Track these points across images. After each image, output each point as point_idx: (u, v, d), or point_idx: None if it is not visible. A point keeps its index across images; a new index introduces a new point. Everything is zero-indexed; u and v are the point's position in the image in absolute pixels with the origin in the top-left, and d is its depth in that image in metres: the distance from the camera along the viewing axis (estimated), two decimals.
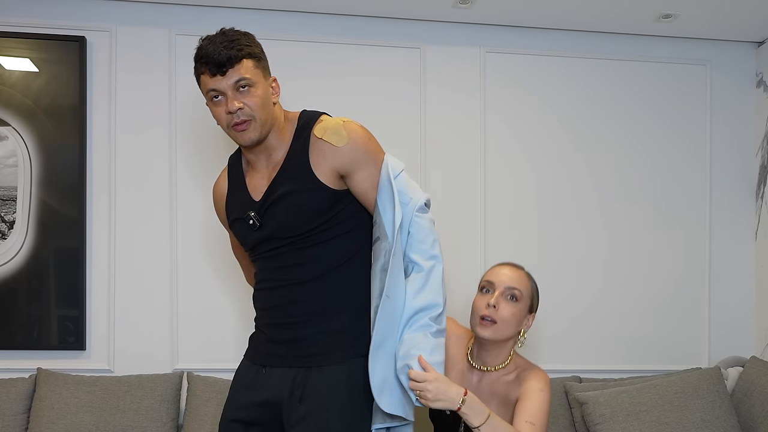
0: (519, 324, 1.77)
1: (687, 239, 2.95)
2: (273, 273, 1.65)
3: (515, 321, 1.75)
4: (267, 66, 1.66)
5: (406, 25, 2.79)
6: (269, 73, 1.67)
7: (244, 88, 1.56)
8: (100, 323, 2.61)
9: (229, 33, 1.59)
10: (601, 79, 2.91)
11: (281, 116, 1.67)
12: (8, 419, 2.39)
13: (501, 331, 1.74)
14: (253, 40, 1.62)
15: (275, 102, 1.65)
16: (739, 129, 3.01)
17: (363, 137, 1.64)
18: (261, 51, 1.64)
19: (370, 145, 1.65)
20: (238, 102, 1.56)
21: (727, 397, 2.56)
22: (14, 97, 2.56)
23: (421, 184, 2.78)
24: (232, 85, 1.56)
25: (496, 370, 1.79)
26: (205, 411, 2.44)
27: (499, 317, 1.73)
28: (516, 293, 1.76)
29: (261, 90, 1.59)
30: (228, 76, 1.56)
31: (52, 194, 2.58)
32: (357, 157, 1.61)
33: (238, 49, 1.56)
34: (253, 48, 1.60)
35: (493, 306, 1.74)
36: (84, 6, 2.62)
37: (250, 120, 1.58)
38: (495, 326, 1.73)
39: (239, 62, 1.56)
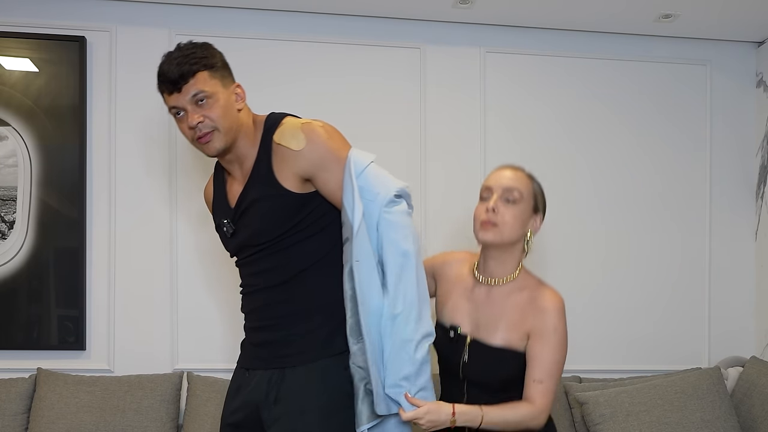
0: (523, 225, 1.66)
1: (687, 239, 2.95)
2: (250, 278, 1.67)
3: (518, 223, 1.65)
4: (227, 73, 1.64)
5: (406, 25, 2.79)
6: (231, 80, 1.64)
7: (202, 101, 1.57)
8: (100, 323, 2.61)
9: (184, 48, 1.60)
10: (601, 79, 2.91)
11: (249, 122, 1.65)
12: (8, 419, 2.39)
13: (503, 233, 1.64)
14: (209, 50, 1.61)
15: (240, 108, 1.64)
16: (739, 129, 3.01)
17: (322, 137, 1.59)
18: (219, 60, 1.62)
19: (331, 143, 1.60)
20: (197, 116, 1.57)
21: (727, 397, 2.56)
22: (14, 97, 2.56)
23: (421, 183, 2.78)
24: (189, 99, 1.56)
25: (504, 283, 1.69)
26: (205, 411, 2.44)
27: (500, 220, 1.64)
28: (514, 194, 1.65)
29: (221, 99, 1.58)
30: (185, 92, 1.56)
31: (52, 194, 2.58)
32: (317, 159, 1.57)
33: (192, 64, 1.56)
34: (208, 59, 1.58)
35: (492, 210, 1.64)
36: (84, 6, 2.62)
37: (213, 131, 1.58)
38: (496, 228, 1.64)
39: (193, 76, 1.56)
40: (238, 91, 1.65)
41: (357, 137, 2.77)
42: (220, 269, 2.63)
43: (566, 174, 2.89)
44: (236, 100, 1.63)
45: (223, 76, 1.61)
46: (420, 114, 2.79)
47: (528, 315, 1.64)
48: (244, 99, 1.66)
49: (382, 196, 1.58)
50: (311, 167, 1.57)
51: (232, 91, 1.62)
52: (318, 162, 1.57)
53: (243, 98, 1.65)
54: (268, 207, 1.59)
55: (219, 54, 1.63)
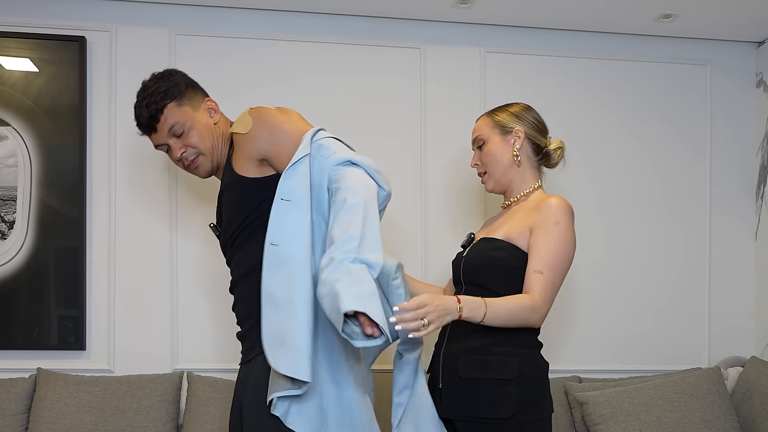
0: (503, 152, 1.79)
1: (687, 239, 2.95)
2: (231, 275, 1.70)
3: (496, 157, 1.79)
4: (195, 94, 1.68)
5: (406, 25, 2.79)
6: (201, 98, 1.69)
7: (179, 132, 1.63)
8: (100, 323, 2.61)
9: (147, 86, 1.65)
10: (601, 79, 2.91)
11: (227, 129, 1.70)
12: (8, 419, 2.39)
13: (494, 175, 1.81)
14: (170, 79, 1.65)
15: (216, 121, 1.69)
16: (739, 129, 3.01)
17: (268, 114, 1.57)
18: (183, 84, 1.66)
19: (279, 117, 1.56)
20: (179, 147, 1.65)
21: (727, 397, 2.56)
22: (14, 97, 2.56)
23: (421, 183, 2.78)
24: (167, 135, 1.64)
25: (518, 199, 1.81)
26: (205, 411, 2.44)
27: (484, 167, 1.82)
28: (479, 140, 1.83)
29: (196, 124, 1.64)
30: (160, 130, 1.64)
31: (52, 194, 2.58)
32: (266, 135, 1.54)
33: (157, 101, 1.62)
34: (171, 90, 1.63)
35: (476, 164, 1.85)
36: (84, 6, 2.62)
37: (198, 155, 1.66)
38: (487, 175, 1.83)
39: (161, 114, 1.62)
40: (210, 106, 1.69)
41: (357, 137, 2.78)
42: (220, 269, 2.62)
43: (566, 174, 2.88)
44: (210, 116, 1.68)
45: (191, 99, 1.65)
46: (420, 114, 2.79)
47: (532, 213, 1.72)
48: (217, 110, 1.70)
49: (339, 156, 1.49)
50: (261, 145, 1.55)
51: (204, 109, 1.67)
52: (267, 138, 1.54)
53: (216, 110, 1.70)
54: (228, 196, 1.63)
55: (182, 78, 1.67)
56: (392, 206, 2.73)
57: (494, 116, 1.83)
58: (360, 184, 1.42)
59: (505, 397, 1.60)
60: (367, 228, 1.37)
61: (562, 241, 1.66)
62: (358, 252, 1.33)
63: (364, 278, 1.30)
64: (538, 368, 1.68)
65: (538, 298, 1.61)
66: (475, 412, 1.61)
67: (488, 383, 1.61)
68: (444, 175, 2.80)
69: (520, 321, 1.60)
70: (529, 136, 1.80)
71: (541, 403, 1.65)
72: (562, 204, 1.70)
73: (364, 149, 2.74)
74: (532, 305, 1.60)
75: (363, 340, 1.29)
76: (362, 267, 1.32)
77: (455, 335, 1.71)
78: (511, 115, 1.81)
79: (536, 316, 1.61)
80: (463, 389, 1.64)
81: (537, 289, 1.62)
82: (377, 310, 1.26)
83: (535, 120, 1.83)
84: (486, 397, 1.61)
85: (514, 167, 1.79)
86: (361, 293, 1.26)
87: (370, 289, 1.28)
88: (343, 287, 1.26)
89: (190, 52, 2.67)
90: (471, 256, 1.76)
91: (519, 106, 1.84)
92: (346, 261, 1.31)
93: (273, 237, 1.43)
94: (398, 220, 2.75)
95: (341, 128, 2.73)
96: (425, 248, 2.77)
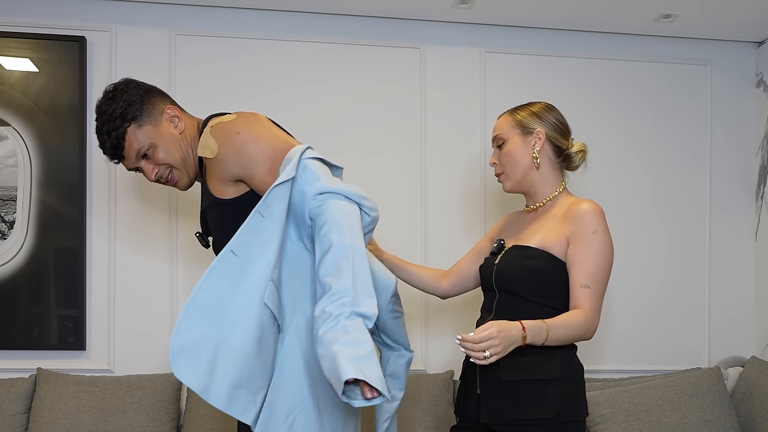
0: (522, 154, 1.74)
1: (687, 239, 2.95)
2: None
3: (515, 158, 1.75)
4: (152, 107, 1.58)
5: (406, 25, 2.79)
6: (159, 111, 1.59)
7: (146, 155, 1.58)
8: (100, 323, 2.61)
9: (101, 110, 1.57)
10: (601, 79, 2.91)
11: (194, 134, 1.62)
12: (8, 419, 2.39)
13: (512, 175, 1.77)
14: (123, 98, 1.55)
15: (182, 130, 1.60)
16: (739, 129, 3.01)
17: (231, 135, 1.47)
18: (137, 101, 1.56)
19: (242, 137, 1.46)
20: (151, 168, 1.59)
21: (727, 397, 2.56)
22: (14, 97, 2.56)
23: (420, 183, 2.78)
24: (135, 159, 1.59)
25: (544, 203, 1.77)
26: (205, 411, 2.44)
27: (502, 167, 1.78)
28: (499, 138, 1.78)
29: (160, 140, 1.57)
30: (128, 157, 1.59)
31: (52, 194, 2.58)
32: (235, 158, 1.47)
33: (115, 128, 1.55)
34: (128, 112, 1.54)
35: (494, 163, 1.81)
36: (84, 6, 2.62)
37: (171, 170, 1.60)
38: (504, 176, 1.78)
39: (124, 140, 1.56)
40: (171, 114, 1.60)
41: (357, 137, 2.79)
42: None
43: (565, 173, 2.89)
44: (174, 126, 1.60)
45: (150, 114, 1.57)
46: (420, 114, 2.79)
47: (565, 221, 1.68)
48: (181, 117, 1.61)
49: (321, 184, 1.41)
50: (231, 168, 1.48)
51: (166, 120, 1.59)
52: (236, 161, 1.47)
53: (180, 117, 1.61)
54: (211, 216, 1.58)
55: (135, 91, 1.58)
56: (392, 206, 2.73)
57: (515, 115, 1.78)
58: (344, 219, 1.35)
59: (548, 397, 1.58)
60: (357, 273, 1.31)
61: (603, 250, 1.64)
62: (352, 305, 1.27)
63: (361, 337, 1.25)
64: (577, 369, 1.67)
65: (590, 314, 1.61)
66: (517, 414, 1.58)
67: (531, 384, 1.59)
68: (444, 175, 2.80)
69: (577, 338, 1.61)
70: (550, 137, 1.75)
71: (582, 404, 1.65)
72: (595, 210, 1.66)
73: (363, 149, 2.75)
74: (586, 322, 1.60)
75: (362, 400, 1.26)
76: (358, 322, 1.27)
77: None
78: (533, 115, 1.76)
79: (591, 332, 1.63)
80: (503, 392, 1.61)
81: (587, 304, 1.61)
82: (376, 374, 1.22)
83: (558, 121, 1.78)
84: (528, 399, 1.58)
85: (534, 169, 1.75)
86: (360, 355, 1.22)
87: (367, 349, 1.24)
88: (341, 350, 1.22)
89: (190, 53, 2.67)
90: (504, 263, 1.71)
91: (541, 105, 1.80)
92: (342, 317, 1.26)
93: (236, 246, 1.35)
94: (398, 219, 2.75)
95: (341, 128, 2.74)
96: (425, 248, 2.77)
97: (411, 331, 2.73)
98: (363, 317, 1.28)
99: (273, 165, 1.46)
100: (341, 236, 1.33)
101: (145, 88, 1.61)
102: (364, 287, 1.30)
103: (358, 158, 2.74)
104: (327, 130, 2.71)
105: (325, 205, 1.37)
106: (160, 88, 1.70)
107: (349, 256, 1.31)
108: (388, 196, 2.75)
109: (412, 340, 1.86)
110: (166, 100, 1.64)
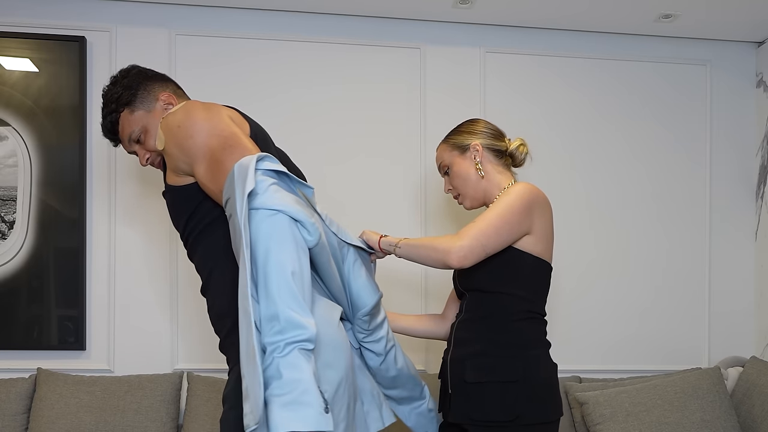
0: (468, 170, 1.81)
1: (687, 239, 2.95)
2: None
3: (462, 176, 1.82)
4: (147, 94, 1.58)
5: (406, 25, 2.79)
6: (154, 97, 1.58)
7: (138, 140, 1.59)
8: (100, 323, 2.61)
9: (104, 93, 1.61)
10: (601, 79, 2.91)
11: None
12: (8, 419, 2.39)
13: (466, 193, 1.83)
14: (122, 83, 1.57)
15: None
16: (739, 129, 3.01)
17: (173, 129, 1.41)
18: (133, 86, 1.57)
19: (182, 132, 1.39)
20: (144, 153, 1.61)
21: (727, 397, 2.56)
22: (14, 97, 2.56)
23: (421, 184, 2.78)
24: (129, 144, 1.61)
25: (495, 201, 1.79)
26: (205, 411, 2.44)
27: (456, 190, 1.85)
28: (443, 166, 1.86)
29: (151, 127, 1.57)
30: (123, 140, 1.62)
31: (52, 194, 2.58)
32: (177, 154, 1.41)
33: (110, 112, 1.58)
34: (123, 96, 1.56)
35: (449, 190, 1.88)
36: (84, 6, 2.62)
37: (160, 157, 1.60)
38: (462, 197, 1.86)
39: (118, 126, 1.59)
40: (164, 100, 1.59)
41: (357, 138, 2.79)
42: None
43: (566, 174, 2.89)
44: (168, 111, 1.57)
45: (144, 100, 1.58)
46: (420, 114, 2.79)
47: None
48: (175, 103, 1.59)
49: (261, 200, 1.30)
50: (179, 162, 1.43)
51: (160, 107, 1.58)
52: (179, 156, 1.42)
53: (173, 104, 1.59)
54: (167, 205, 1.56)
55: (135, 77, 1.59)
56: (392, 206, 2.73)
57: (449, 140, 1.86)
58: (266, 239, 1.27)
59: (508, 399, 1.60)
60: (281, 296, 1.24)
61: (506, 206, 1.66)
62: (281, 332, 1.22)
63: (295, 375, 1.20)
64: (545, 370, 1.67)
65: (461, 238, 1.60)
66: (480, 415, 1.61)
67: (493, 386, 1.61)
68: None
69: (430, 259, 1.63)
70: (486, 145, 1.82)
71: (548, 406, 1.64)
72: (521, 188, 1.71)
73: (363, 149, 2.76)
74: (450, 243, 1.60)
75: None
76: (293, 356, 1.22)
77: (461, 339, 1.72)
78: (464, 133, 1.84)
79: (451, 256, 1.59)
80: (469, 393, 1.64)
81: (464, 231, 1.63)
82: (311, 417, 1.18)
83: (487, 128, 1.85)
84: (490, 400, 1.61)
85: (481, 180, 1.81)
86: (289, 401, 1.19)
87: (301, 388, 1.19)
88: (272, 398, 1.19)
89: (190, 53, 2.67)
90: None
91: (468, 123, 1.87)
92: (276, 355, 1.21)
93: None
94: (398, 219, 2.75)
95: (341, 129, 2.74)
96: None
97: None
98: (299, 343, 1.23)
99: (210, 163, 1.37)
100: (255, 255, 1.26)
101: (147, 74, 1.61)
102: (294, 312, 1.24)
103: (357, 159, 2.74)
104: (327, 131, 2.71)
105: (253, 224, 1.28)
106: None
107: (273, 280, 1.25)
108: (388, 197, 2.75)
109: (411, 341, 1.85)
110: (166, 87, 1.61)
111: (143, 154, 1.61)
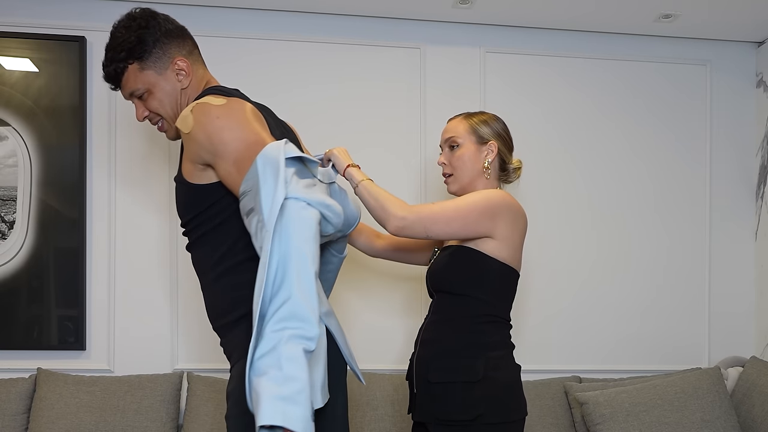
0: (474, 161, 1.79)
1: (687, 239, 2.95)
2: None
3: (467, 164, 1.79)
4: (163, 53, 1.49)
5: (406, 25, 2.79)
6: (169, 59, 1.50)
7: (140, 96, 1.52)
8: (100, 323, 2.61)
9: (115, 34, 1.49)
10: (601, 79, 2.91)
11: (195, 96, 1.53)
12: (8, 419, 2.39)
13: (459, 178, 1.81)
14: (138, 32, 1.46)
15: (185, 86, 1.52)
16: (739, 129, 3.01)
17: (209, 117, 1.37)
18: (149, 41, 1.47)
19: (218, 123, 1.37)
20: (143, 110, 1.54)
21: (727, 397, 2.56)
22: (14, 97, 2.56)
23: (421, 183, 2.78)
24: (128, 96, 1.54)
25: None
26: (205, 411, 2.44)
27: (453, 169, 1.82)
28: (453, 141, 1.81)
29: (158, 89, 1.49)
30: (123, 90, 1.53)
31: (52, 194, 2.58)
32: (206, 141, 1.37)
33: (118, 61, 1.47)
34: (135, 48, 1.46)
35: (443, 163, 1.84)
36: (84, 6, 2.62)
37: (160, 119, 1.55)
38: (452, 177, 1.83)
39: (123, 75, 1.50)
40: (179, 66, 1.51)
41: (357, 137, 2.79)
42: None
43: (566, 174, 2.89)
44: (178, 80, 1.51)
45: (158, 60, 1.49)
46: (420, 114, 2.79)
47: None
48: (189, 73, 1.52)
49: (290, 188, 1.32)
50: (202, 151, 1.38)
51: (172, 71, 1.50)
52: (206, 144, 1.37)
53: (188, 72, 1.52)
54: (176, 191, 1.51)
55: (154, 30, 1.48)
56: None
57: (472, 121, 1.82)
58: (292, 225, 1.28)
59: (469, 399, 1.61)
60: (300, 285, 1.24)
61: (467, 199, 1.68)
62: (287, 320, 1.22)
63: (293, 372, 1.20)
64: (507, 370, 1.68)
65: (412, 208, 1.64)
66: (443, 414, 1.63)
67: (455, 386, 1.63)
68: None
69: (376, 212, 1.65)
70: (501, 152, 1.82)
71: (510, 406, 1.65)
72: (493, 191, 1.72)
73: (363, 149, 2.76)
74: (399, 207, 1.63)
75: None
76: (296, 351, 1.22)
77: (426, 340, 1.74)
78: (488, 126, 1.82)
79: (392, 221, 1.62)
80: (433, 393, 1.67)
81: (417, 205, 1.67)
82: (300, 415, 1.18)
83: (509, 137, 1.86)
84: (453, 400, 1.63)
85: (482, 178, 1.80)
86: (285, 395, 1.18)
87: (297, 387, 1.19)
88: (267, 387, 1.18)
89: None
90: (432, 267, 1.80)
91: (496, 120, 1.85)
92: (280, 344, 1.21)
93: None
94: None
95: (341, 128, 2.74)
96: None
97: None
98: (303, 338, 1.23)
99: (240, 159, 1.36)
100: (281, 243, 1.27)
101: (166, 29, 1.50)
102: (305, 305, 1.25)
103: (357, 158, 2.73)
104: (327, 130, 2.71)
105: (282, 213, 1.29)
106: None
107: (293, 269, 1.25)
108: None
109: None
110: (183, 48, 1.53)
111: (141, 111, 1.54)
